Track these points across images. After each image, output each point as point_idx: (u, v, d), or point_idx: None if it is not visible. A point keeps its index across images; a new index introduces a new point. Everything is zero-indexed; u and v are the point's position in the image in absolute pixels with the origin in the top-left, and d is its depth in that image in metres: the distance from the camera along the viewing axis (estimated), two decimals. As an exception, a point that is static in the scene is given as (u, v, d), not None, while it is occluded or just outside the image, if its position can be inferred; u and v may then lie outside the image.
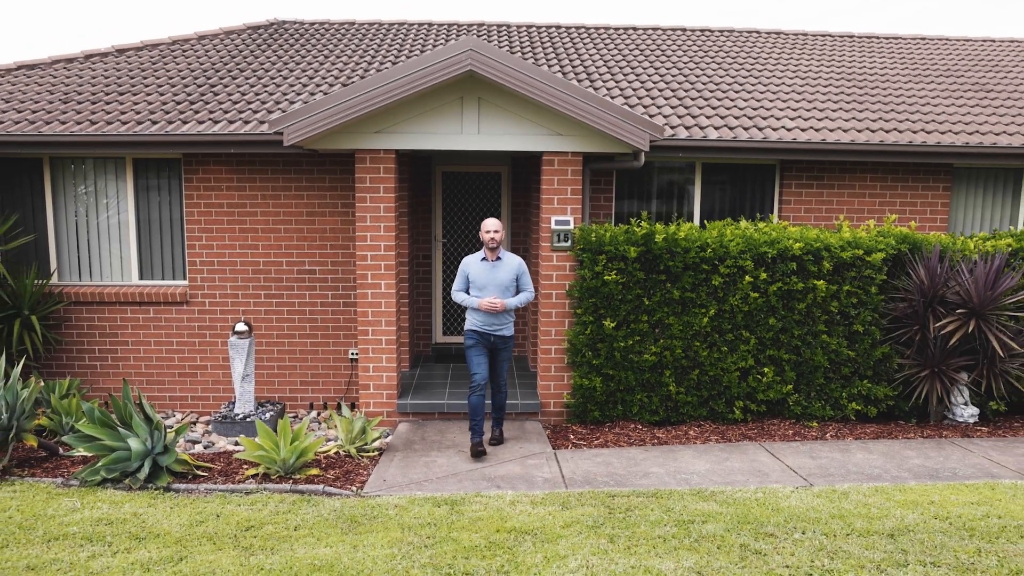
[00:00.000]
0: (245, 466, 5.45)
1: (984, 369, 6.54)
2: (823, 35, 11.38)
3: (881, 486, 4.82)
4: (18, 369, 5.54)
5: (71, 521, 4.19)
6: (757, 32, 11.37)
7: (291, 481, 5.04)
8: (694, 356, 6.60)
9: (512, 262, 5.88)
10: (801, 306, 6.57)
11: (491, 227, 5.82)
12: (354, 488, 4.95)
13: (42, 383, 6.62)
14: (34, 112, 7.62)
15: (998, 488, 4.74)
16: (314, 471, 5.22)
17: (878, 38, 11.42)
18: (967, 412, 6.69)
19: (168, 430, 6.28)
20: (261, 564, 3.52)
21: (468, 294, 5.87)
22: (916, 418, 6.86)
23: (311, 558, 3.58)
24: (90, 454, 5.57)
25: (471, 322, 5.90)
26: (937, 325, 6.44)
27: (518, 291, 5.89)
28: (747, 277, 6.46)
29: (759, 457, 5.66)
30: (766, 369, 6.61)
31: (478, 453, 5.66)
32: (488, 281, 5.77)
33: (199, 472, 5.27)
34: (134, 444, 4.95)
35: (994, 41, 11.47)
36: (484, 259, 5.85)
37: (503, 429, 6.44)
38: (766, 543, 3.70)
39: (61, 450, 5.78)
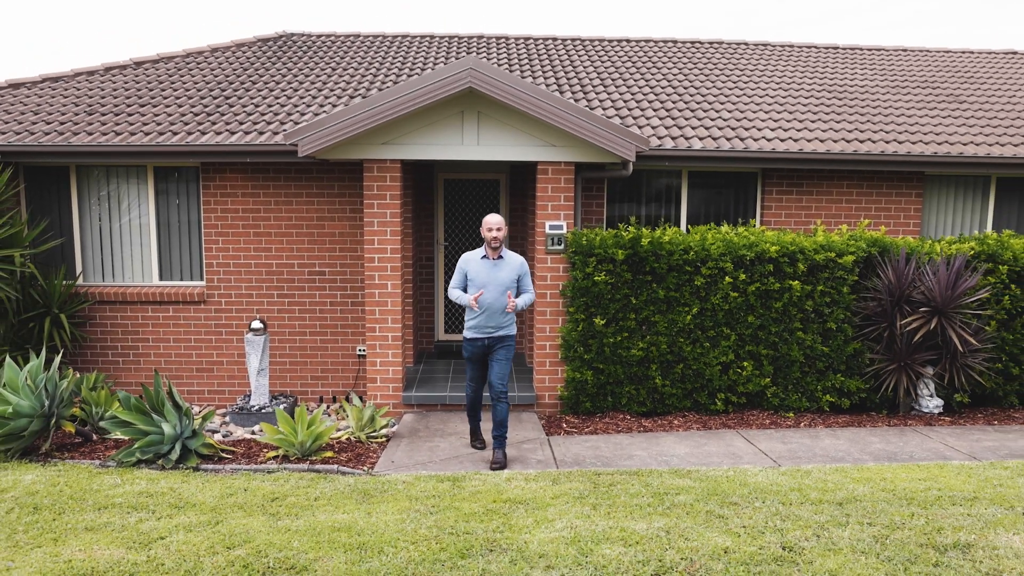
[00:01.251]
0: (266, 449, 6.01)
1: (947, 363, 7.10)
2: (808, 46, 11.95)
3: (841, 466, 5.38)
4: (57, 361, 6.11)
5: (115, 494, 4.75)
6: (745, 44, 11.94)
7: (308, 462, 5.60)
8: (678, 351, 7.16)
9: (514, 261, 5.69)
10: (778, 305, 7.13)
11: (493, 223, 5.59)
12: (365, 468, 5.51)
13: (77, 375, 7.18)
14: (61, 123, 8.19)
15: (946, 468, 5.30)
16: (328, 454, 5.79)
17: (861, 49, 11.99)
18: (932, 403, 7.24)
19: (195, 416, 6.83)
20: (288, 526, 4.08)
21: (465, 292, 5.70)
22: (886, 409, 7.42)
23: (331, 522, 4.14)
24: (124, 438, 6.13)
25: (470, 326, 5.69)
26: (903, 322, 7.00)
27: (519, 292, 5.76)
28: (727, 278, 7.02)
29: (735, 443, 6.22)
30: (745, 363, 7.17)
31: (478, 447, 6.01)
32: (488, 280, 5.55)
33: (224, 455, 5.83)
34: (167, 428, 5.52)
35: (972, 52, 12.04)
36: (485, 257, 5.63)
37: (506, 450, 5.96)
38: (729, 510, 4.26)
39: (95, 436, 6.34)
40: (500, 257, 5.68)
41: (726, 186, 8.60)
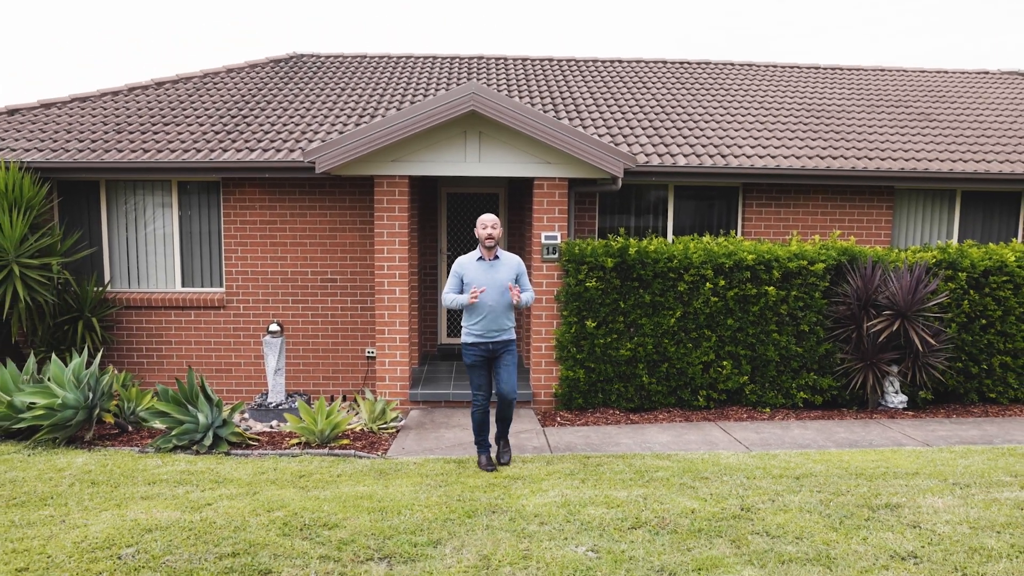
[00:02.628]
0: (288, 438, 6.69)
1: (910, 362, 7.80)
2: (791, 67, 12.71)
3: (806, 451, 6.07)
4: (98, 359, 6.79)
5: (160, 472, 5.42)
6: (731, 64, 12.70)
7: (328, 448, 6.28)
8: (663, 351, 7.84)
9: (511, 261, 5.57)
10: (755, 309, 7.82)
11: (488, 222, 5.47)
12: (379, 453, 6.18)
13: (116, 372, 7.85)
14: (93, 141, 8.90)
15: (899, 452, 5.98)
16: (345, 441, 6.46)
17: (841, 70, 12.75)
18: (897, 399, 7.93)
19: (225, 407, 7.50)
20: (317, 496, 4.75)
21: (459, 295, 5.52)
22: (856, 405, 8.11)
23: (354, 492, 4.81)
24: (160, 427, 6.80)
25: (468, 331, 5.52)
26: (869, 324, 7.70)
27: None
28: (708, 284, 7.72)
29: (713, 433, 6.91)
30: (725, 363, 7.85)
31: (488, 468, 5.44)
32: (485, 282, 5.41)
33: (250, 442, 6.50)
34: (201, 418, 6.20)
35: (946, 72, 12.81)
36: (480, 259, 5.51)
37: (510, 449, 5.92)
38: (700, 483, 4.93)
39: (130, 428, 7.01)
40: (496, 257, 5.52)
41: (710, 199, 9.31)
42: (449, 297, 5.50)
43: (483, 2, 64.52)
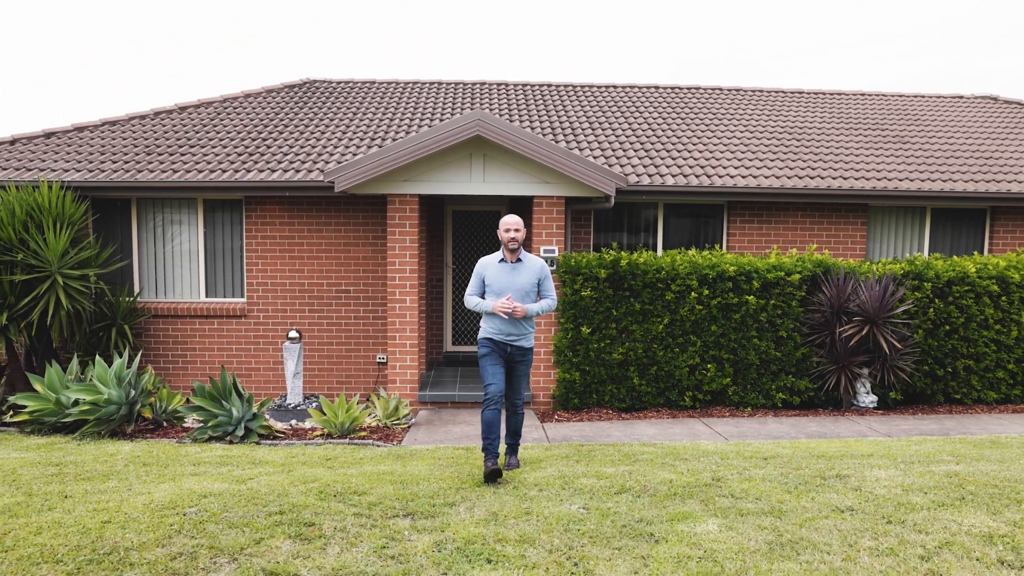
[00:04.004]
0: (311, 431, 7.42)
1: (879, 365, 8.55)
2: (776, 91, 13.57)
3: (778, 440, 6.80)
4: (137, 361, 7.54)
5: (201, 457, 6.15)
6: (719, 89, 13.56)
7: (348, 438, 7.01)
8: (653, 355, 8.59)
9: (534, 265, 5.45)
10: (736, 316, 8.59)
11: (512, 224, 5.37)
12: (394, 443, 6.92)
13: (155, 374, 8.58)
14: (125, 162, 9.70)
15: (861, 441, 6.72)
16: (363, 433, 7.20)
17: (823, 94, 13.61)
18: (868, 399, 8.68)
19: (255, 403, 8.24)
20: (344, 472, 5.48)
21: (483, 299, 5.44)
22: (831, 406, 8.85)
23: (376, 470, 5.55)
24: (197, 420, 7.53)
25: (486, 330, 5.44)
26: (840, 330, 8.47)
27: (540, 296, 5.54)
28: (693, 293, 8.49)
29: (696, 427, 7.65)
30: (709, 366, 8.60)
31: (493, 476, 5.06)
32: (506, 285, 5.33)
33: (277, 435, 7.24)
34: (234, 411, 6.94)
35: (922, 97, 13.67)
36: (503, 260, 5.41)
37: (519, 456, 5.86)
38: (679, 462, 5.67)
39: (164, 423, 7.74)
40: (519, 260, 5.42)
41: (697, 216, 10.11)
42: (473, 300, 5.41)
43: (483, 28, 65.85)
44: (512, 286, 5.37)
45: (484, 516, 4.34)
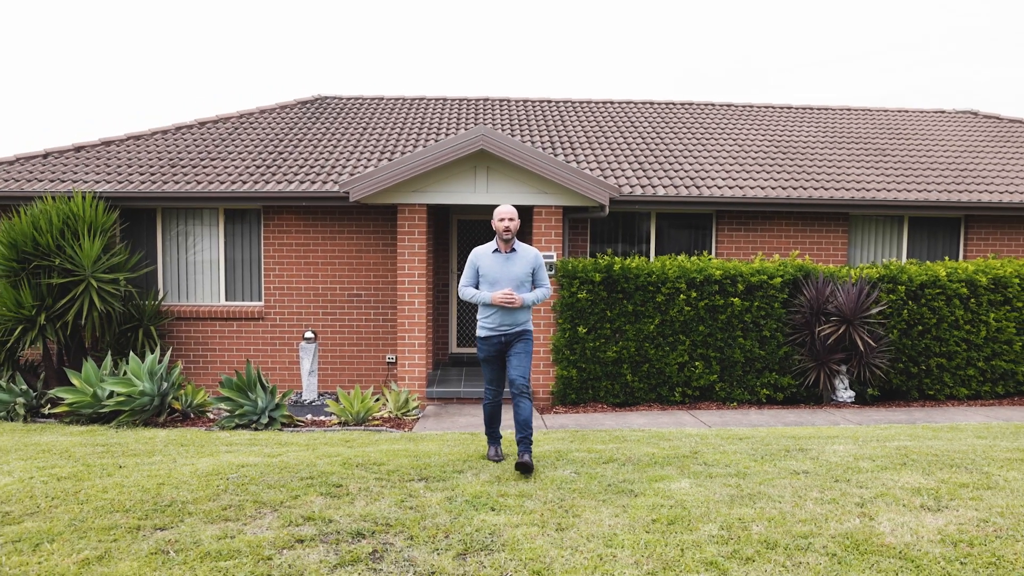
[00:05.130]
0: (328, 419, 8.14)
1: (856, 362, 9.25)
2: (766, 106, 14.35)
3: (756, 428, 7.50)
4: (168, 357, 8.26)
5: (232, 440, 6.86)
6: (712, 105, 14.35)
7: (363, 426, 7.73)
8: (644, 354, 9.30)
9: (528, 254, 5.47)
10: (722, 317, 9.30)
11: (505, 214, 5.36)
12: (405, 430, 7.63)
13: (183, 369, 9.30)
14: (152, 174, 10.48)
15: (832, 428, 7.41)
16: (376, 422, 7.92)
17: (811, 109, 14.39)
18: (846, 394, 9.37)
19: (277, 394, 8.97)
20: (363, 449, 6.19)
21: (478, 289, 5.45)
22: (812, 401, 9.54)
23: (392, 448, 6.26)
24: (223, 409, 8.24)
25: (483, 325, 5.49)
26: (819, 329, 9.18)
27: (534, 286, 5.55)
28: (682, 295, 9.21)
29: (683, 417, 8.36)
30: (698, 363, 9.31)
31: (497, 459, 5.42)
32: (501, 275, 5.33)
33: (297, 424, 7.95)
34: (259, 401, 7.66)
35: (906, 111, 14.44)
36: (496, 251, 5.42)
37: (531, 456, 5.35)
38: (664, 441, 6.37)
39: (192, 415, 8.45)
40: (513, 250, 5.44)
41: (687, 224, 10.85)
42: (468, 292, 5.45)
43: (484, 43, 67.03)
44: (507, 276, 5.34)
45: (488, 479, 5.05)
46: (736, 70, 66.38)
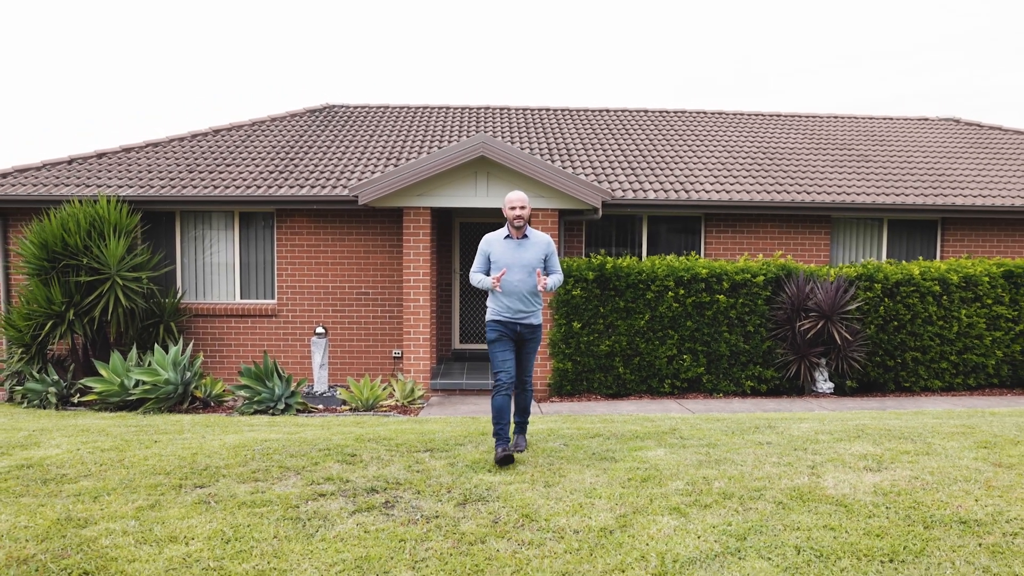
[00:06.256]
0: (340, 406, 8.77)
1: (834, 355, 9.87)
2: (755, 114, 15.00)
3: (736, 414, 8.12)
4: (190, 349, 8.91)
5: (252, 422, 7.50)
6: (703, 112, 15.00)
7: (372, 411, 8.36)
8: (635, 347, 9.93)
9: (540, 240, 5.42)
10: (709, 313, 9.93)
11: (516, 201, 5.30)
12: (411, 415, 8.26)
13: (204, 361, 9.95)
14: (171, 179, 11.15)
15: (806, 413, 8.03)
16: (384, 408, 8.55)
17: (799, 117, 15.03)
18: (826, 386, 9.99)
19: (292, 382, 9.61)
20: (373, 429, 6.82)
21: (489, 276, 5.38)
22: (794, 392, 10.16)
23: (400, 428, 6.89)
24: (244, 397, 8.89)
25: (494, 310, 5.39)
26: (799, 324, 9.80)
27: (547, 274, 5.51)
28: (670, 293, 9.84)
29: (671, 405, 8.98)
30: (685, 357, 9.93)
31: (504, 461, 5.07)
32: (512, 261, 5.27)
33: (311, 410, 8.59)
34: (276, 389, 8.30)
35: (891, 119, 15.08)
36: (508, 237, 5.36)
37: (526, 440, 5.72)
38: (648, 423, 7.00)
39: (212, 403, 9.10)
40: (524, 236, 5.39)
41: (678, 226, 11.49)
42: (476, 277, 5.41)
43: (493, 51, 67.83)
44: (519, 262, 5.29)
45: (486, 449, 5.68)
46: (736, 75, 67.10)
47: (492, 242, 5.41)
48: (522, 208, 5.29)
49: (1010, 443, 5.52)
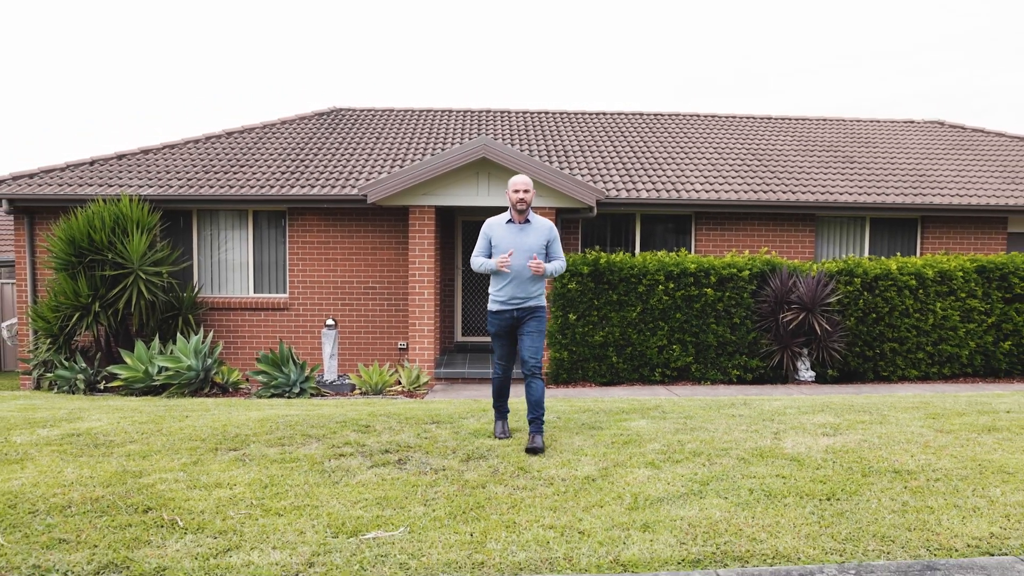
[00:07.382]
0: (350, 391, 9.44)
1: (815, 345, 10.53)
2: (747, 117, 15.66)
3: (718, 397, 8.78)
4: (210, 337, 9.58)
5: (271, 403, 8.16)
6: (697, 115, 15.67)
7: (381, 395, 9.03)
8: (628, 338, 10.59)
9: (543, 225, 5.38)
10: (697, 306, 10.59)
11: (520, 184, 5.25)
12: (417, 399, 8.93)
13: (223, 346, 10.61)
14: (188, 179, 11.83)
15: (783, 397, 8.69)
16: (392, 392, 9.22)
17: (789, 119, 15.69)
18: (808, 374, 10.65)
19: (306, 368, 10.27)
20: (384, 407, 7.49)
21: (490, 260, 5.29)
22: (778, 380, 10.82)
23: (407, 408, 7.56)
24: (261, 381, 9.56)
25: (494, 299, 5.42)
26: (782, 316, 10.46)
27: (548, 260, 5.45)
28: (661, 286, 10.50)
29: (659, 391, 9.65)
30: (675, 347, 10.59)
31: (503, 436, 5.49)
32: (514, 246, 5.24)
33: (324, 394, 9.26)
34: (292, 375, 8.97)
35: (877, 122, 15.74)
36: (510, 221, 5.32)
37: (542, 436, 5.32)
38: (636, 403, 7.66)
39: (230, 389, 9.77)
40: (527, 221, 5.35)
41: (669, 224, 12.15)
42: (477, 261, 5.37)
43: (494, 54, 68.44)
44: (520, 247, 5.25)
45: (487, 421, 6.35)
46: (736, 76, 67.75)
47: (494, 226, 5.38)
48: (526, 191, 5.24)
49: (956, 415, 6.18)
